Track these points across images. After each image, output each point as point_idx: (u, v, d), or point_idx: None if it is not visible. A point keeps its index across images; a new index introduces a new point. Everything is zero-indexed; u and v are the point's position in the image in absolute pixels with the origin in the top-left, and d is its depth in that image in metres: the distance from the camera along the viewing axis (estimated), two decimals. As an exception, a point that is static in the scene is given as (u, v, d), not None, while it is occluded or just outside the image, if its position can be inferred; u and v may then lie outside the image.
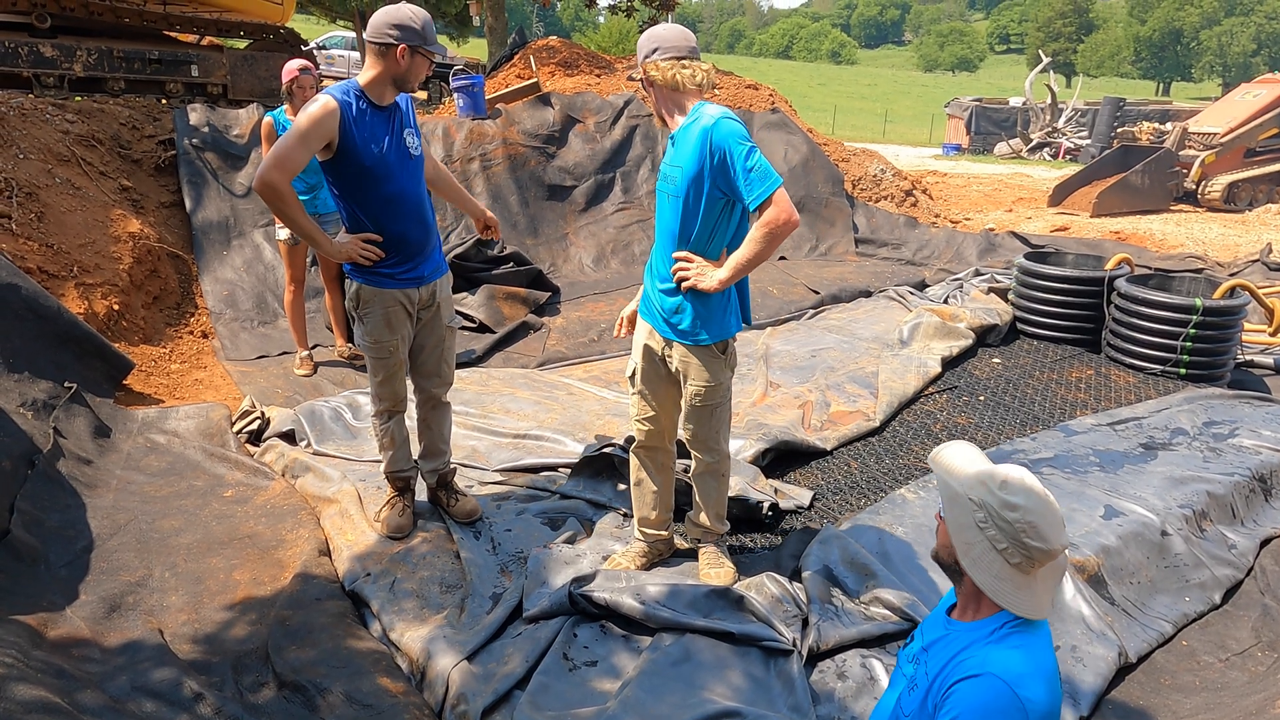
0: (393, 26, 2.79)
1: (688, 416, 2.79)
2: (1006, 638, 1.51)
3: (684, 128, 2.56)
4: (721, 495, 2.96)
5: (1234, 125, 14.12)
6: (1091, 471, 3.91)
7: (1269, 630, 3.02)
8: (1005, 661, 1.46)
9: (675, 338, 2.69)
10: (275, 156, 2.74)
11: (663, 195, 2.66)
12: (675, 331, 2.68)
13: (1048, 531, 1.46)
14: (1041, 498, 1.49)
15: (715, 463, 2.87)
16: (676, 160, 2.57)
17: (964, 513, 1.52)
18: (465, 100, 8.19)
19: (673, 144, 2.63)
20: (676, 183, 2.56)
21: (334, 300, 5.27)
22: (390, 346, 3.07)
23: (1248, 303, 5.36)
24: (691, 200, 2.55)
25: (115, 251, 5.47)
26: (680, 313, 2.65)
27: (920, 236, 9.30)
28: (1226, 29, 65.18)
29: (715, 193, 2.53)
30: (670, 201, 2.61)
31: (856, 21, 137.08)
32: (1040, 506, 1.48)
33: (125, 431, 4.10)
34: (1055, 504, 1.50)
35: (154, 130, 6.79)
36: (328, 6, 21.97)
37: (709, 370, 2.69)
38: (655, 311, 2.75)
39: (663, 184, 2.65)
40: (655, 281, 2.74)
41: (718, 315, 2.66)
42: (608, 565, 2.99)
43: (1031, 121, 26.10)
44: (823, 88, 66.22)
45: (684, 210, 2.57)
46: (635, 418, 2.91)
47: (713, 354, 2.69)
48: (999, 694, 1.42)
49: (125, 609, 2.82)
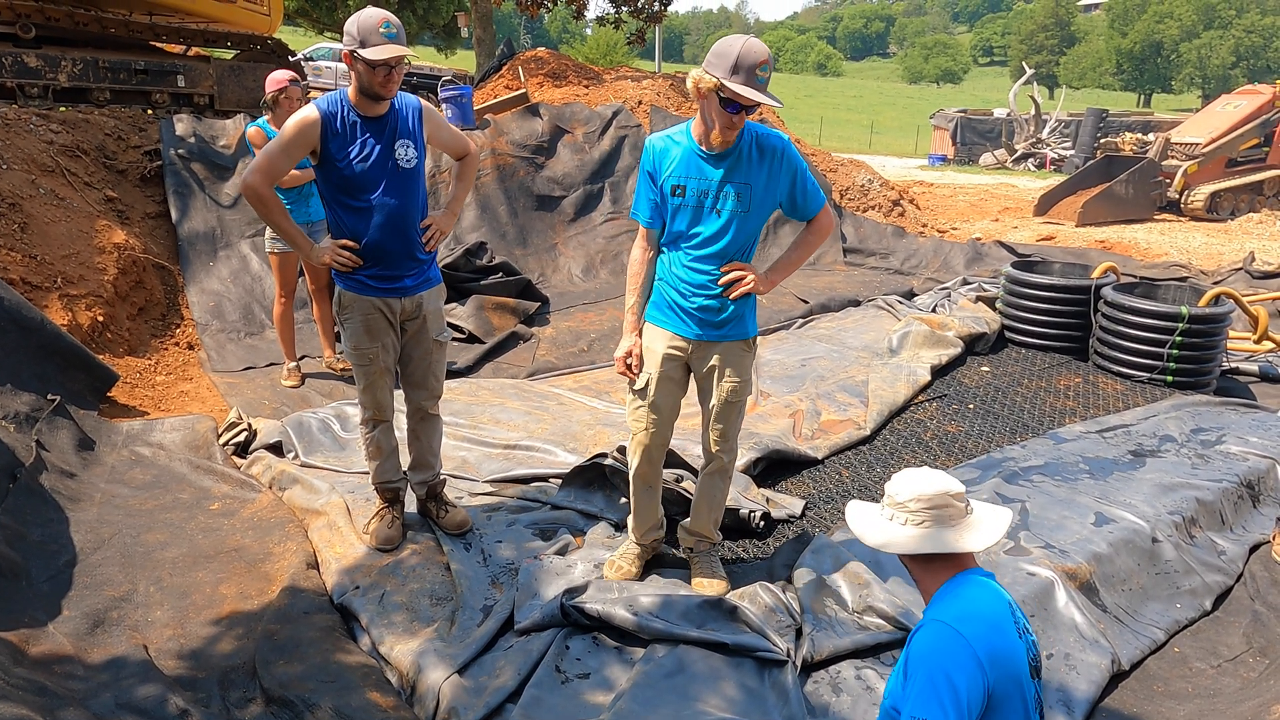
0: (345, 33, 2.78)
1: (719, 415, 2.83)
2: (945, 595, 1.79)
3: (744, 144, 2.62)
4: (724, 499, 3.02)
5: (1215, 136, 14.30)
6: (1081, 479, 3.92)
7: (1260, 636, 3.03)
8: (944, 609, 1.74)
9: (718, 337, 2.76)
10: (259, 162, 2.87)
11: (702, 210, 2.65)
12: (720, 331, 2.75)
13: (920, 488, 1.81)
14: (905, 474, 1.87)
15: (730, 461, 2.95)
16: (743, 177, 2.62)
17: (879, 519, 1.86)
18: (453, 111, 8.19)
19: (718, 159, 2.61)
20: (742, 199, 2.62)
21: (321, 311, 5.24)
22: (370, 354, 3.05)
23: (1232, 310, 5.40)
24: (756, 213, 2.66)
25: (100, 262, 5.42)
26: (726, 312, 2.73)
27: (908, 246, 9.35)
28: (1206, 42, 66.10)
29: (774, 205, 2.72)
30: (726, 215, 2.63)
31: (842, 34, 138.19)
32: (906, 476, 1.85)
33: (110, 444, 4.05)
34: (924, 471, 1.86)
35: (140, 140, 6.75)
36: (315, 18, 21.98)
37: (744, 365, 2.81)
38: (688, 317, 2.73)
39: (707, 199, 2.63)
40: (689, 289, 2.70)
41: (753, 311, 2.82)
42: (606, 568, 3.00)
43: (1016, 132, 26.36)
44: (809, 99, 66.66)
45: (750, 224, 2.68)
46: (644, 428, 2.85)
47: (750, 348, 2.82)
48: (940, 632, 1.69)
49: (109, 624, 2.77)
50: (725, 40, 2.49)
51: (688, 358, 2.80)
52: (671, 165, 2.66)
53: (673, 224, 2.71)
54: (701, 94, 2.49)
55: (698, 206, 2.65)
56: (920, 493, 1.80)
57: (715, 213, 2.63)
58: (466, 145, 3.25)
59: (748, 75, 2.41)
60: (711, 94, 2.45)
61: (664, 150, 2.68)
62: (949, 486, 1.81)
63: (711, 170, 2.62)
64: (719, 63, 2.44)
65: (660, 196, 2.70)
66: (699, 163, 2.63)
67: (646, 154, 2.71)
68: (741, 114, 2.48)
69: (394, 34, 2.76)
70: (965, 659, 1.64)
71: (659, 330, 2.80)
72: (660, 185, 2.68)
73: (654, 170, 2.69)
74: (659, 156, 2.68)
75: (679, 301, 2.73)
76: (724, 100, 2.44)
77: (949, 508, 1.79)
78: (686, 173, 2.64)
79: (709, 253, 2.67)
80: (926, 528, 1.79)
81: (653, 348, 2.81)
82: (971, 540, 1.78)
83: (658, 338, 2.80)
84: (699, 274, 2.69)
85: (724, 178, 2.61)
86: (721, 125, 2.51)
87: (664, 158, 2.67)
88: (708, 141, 2.59)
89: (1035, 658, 1.78)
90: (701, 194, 2.63)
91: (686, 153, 2.64)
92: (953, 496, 1.80)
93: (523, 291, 6.56)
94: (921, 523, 1.80)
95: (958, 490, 1.81)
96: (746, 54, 2.41)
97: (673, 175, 2.65)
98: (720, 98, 2.44)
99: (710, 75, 2.44)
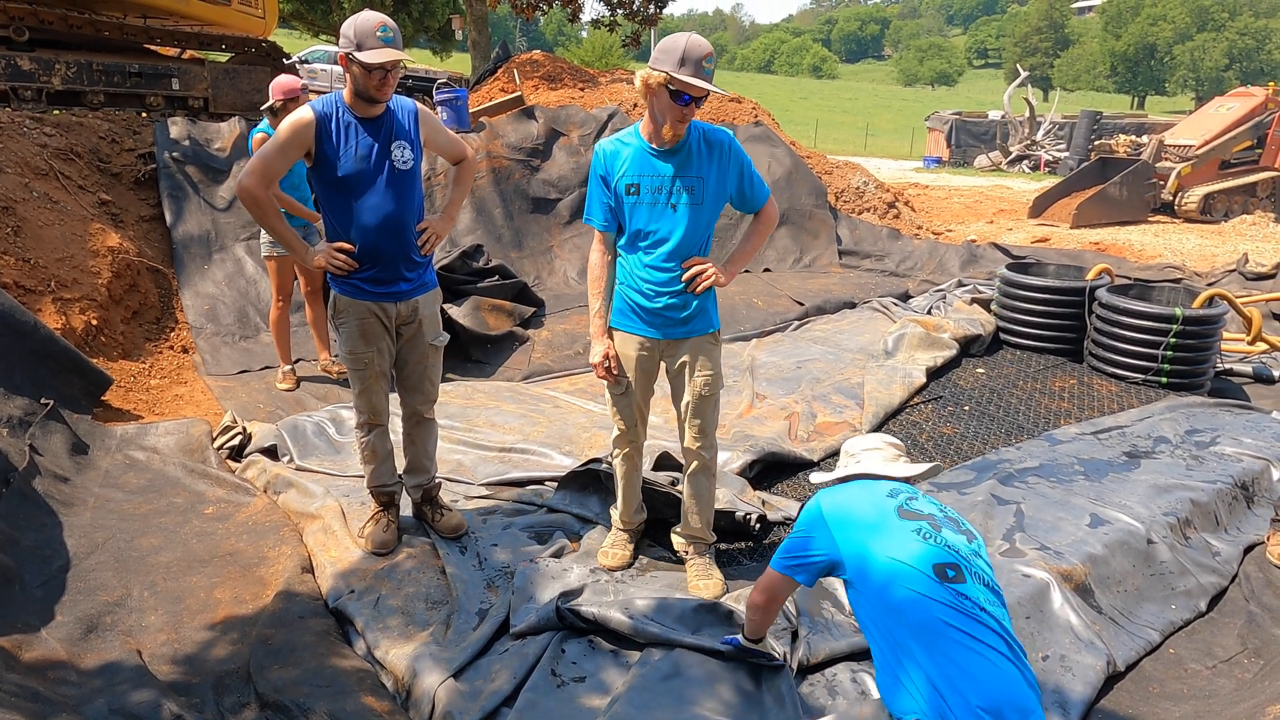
0: (341, 35, 2.79)
1: (696, 410, 2.89)
2: None
3: (692, 140, 2.70)
4: (713, 497, 3.09)
5: (1209, 138, 14.35)
6: (1076, 480, 3.92)
7: (1255, 637, 3.04)
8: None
9: (684, 334, 2.84)
10: (254, 164, 2.86)
11: (658, 206, 2.71)
12: (686, 328, 2.83)
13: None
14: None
15: (711, 457, 2.99)
16: (696, 171, 2.70)
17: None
18: (448, 114, 8.18)
19: (669, 155, 2.69)
20: (695, 193, 2.71)
21: (315, 314, 5.23)
22: (365, 358, 3.04)
23: (1226, 312, 5.42)
24: (709, 206, 2.75)
25: (94, 266, 5.40)
26: (689, 308, 2.81)
27: (903, 248, 9.36)
28: (1199, 44, 66.37)
29: (726, 198, 2.80)
30: (682, 210, 2.72)
31: (837, 36, 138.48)
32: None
33: (103, 448, 4.04)
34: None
35: (134, 144, 6.73)
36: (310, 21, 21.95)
37: (714, 357, 2.89)
38: (653, 317, 2.81)
39: (661, 195, 2.70)
40: (653, 289, 2.78)
41: (715, 305, 2.90)
42: (600, 558, 3.09)
43: (1010, 134, 26.43)
44: (804, 101, 66.78)
45: (704, 217, 2.76)
46: (627, 424, 2.99)
47: (717, 341, 2.91)
48: (810, 503, 2.20)
49: (103, 629, 2.75)
50: (670, 38, 2.58)
51: (660, 356, 2.91)
52: (624, 165, 2.73)
53: (630, 224, 2.77)
54: (651, 90, 2.58)
55: (653, 203, 2.72)
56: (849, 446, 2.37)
57: (671, 208, 2.72)
58: (463, 149, 3.24)
59: (695, 67, 2.51)
60: (661, 89, 2.56)
61: (614, 152, 2.75)
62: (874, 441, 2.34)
63: (663, 166, 2.70)
64: (666, 58, 2.53)
65: (615, 198, 2.77)
66: (650, 160, 2.71)
67: (597, 158, 2.78)
68: (691, 105, 2.57)
69: (390, 38, 2.77)
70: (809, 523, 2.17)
71: (627, 335, 2.88)
72: (614, 187, 2.75)
73: (606, 173, 2.76)
74: (610, 159, 2.75)
75: (642, 304, 2.80)
76: (673, 93, 2.53)
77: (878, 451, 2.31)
78: (640, 171, 2.71)
79: (668, 250, 2.74)
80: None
81: (625, 352, 2.89)
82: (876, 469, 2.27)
83: (627, 343, 2.88)
84: (660, 272, 2.76)
85: (676, 173, 2.70)
86: (672, 119, 2.60)
87: (615, 159, 2.74)
88: (658, 138, 2.68)
89: (955, 560, 1.96)
90: (656, 190, 2.71)
91: (637, 152, 2.72)
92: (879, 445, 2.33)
93: (519, 295, 6.54)
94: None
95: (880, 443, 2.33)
96: (692, 48, 2.51)
97: (626, 175, 2.72)
98: (670, 91, 2.53)
99: (658, 70, 2.53)
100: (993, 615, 1.90)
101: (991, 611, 1.90)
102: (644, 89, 2.58)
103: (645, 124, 2.73)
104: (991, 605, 1.92)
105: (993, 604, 1.93)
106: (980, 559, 2.01)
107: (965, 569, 1.92)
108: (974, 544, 2.04)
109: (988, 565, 2.02)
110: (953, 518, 2.09)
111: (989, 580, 1.98)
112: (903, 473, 2.22)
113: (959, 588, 1.88)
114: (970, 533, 2.08)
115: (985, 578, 1.97)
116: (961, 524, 2.09)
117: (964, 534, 2.05)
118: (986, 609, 1.89)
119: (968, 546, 2.01)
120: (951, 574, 1.90)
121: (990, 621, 1.88)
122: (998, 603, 1.95)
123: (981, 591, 1.92)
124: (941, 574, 1.89)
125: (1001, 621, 1.91)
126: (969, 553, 1.99)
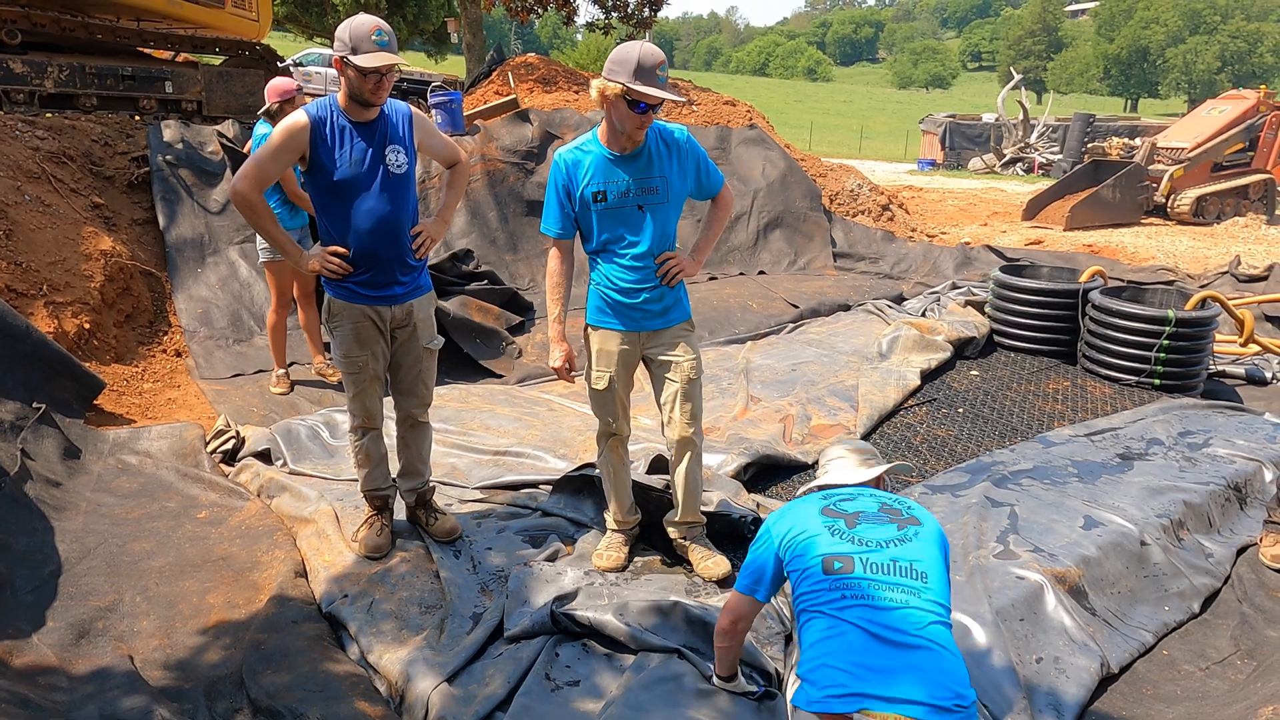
0: (336, 38, 2.78)
1: (686, 395, 2.96)
2: None
3: (650, 141, 2.80)
4: (702, 479, 3.18)
5: (1201, 140, 14.41)
6: (1070, 482, 3.93)
7: (1248, 638, 3.04)
8: None
9: (664, 324, 2.93)
10: (248, 168, 2.86)
11: (624, 209, 2.81)
12: (665, 318, 2.93)
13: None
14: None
15: (700, 442, 3.08)
16: (658, 171, 2.81)
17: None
18: (443, 117, 8.18)
19: (630, 159, 2.79)
20: (659, 192, 2.82)
21: (308, 317, 5.22)
22: (360, 362, 3.04)
23: (1218, 314, 5.44)
24: (674, 203, 2.86)
25: (86, 269, 5.38)
26: (666, 301, 2.92)
27: (897, 250, 9.38)
28: (1191, 47, 66.71)
29: (687, 192, 2.92)
30: (648, 211, 2.82)
31: (831, 39, 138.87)
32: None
33: (96, 453, 4.02)
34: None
35: (127, 147, 6.71)
36: (305, 23, 21.94)
37: (694, 343, 3.01)
38: (634, 313, 2.90)
39: (627, 198, 2.80)
40: (631, 287, 2.86)
41: (686, 294, 3.03)
42: (595, 559, 3.10)
43: (1004, 137, 26.51)
44: (799, 104, 66.93)
45: (671, 214, 2.86)
46: (611, 418, 3.03)
47: (692, 327, 3.04)
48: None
49: (94, 635, 2.74)
50: (622, 48, 2.66)
51: (641, 351, 2.97)
52: (587, 174, 2.80)
53: (598, 230, 2.84)
54: (609, 100, 2.66)
55: (620, 207, 2.80)
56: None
57: (637, 209, 2.82)
58: (457, 153, 3.24)
59: (649, 76, 2.60)
60: (619, 99, 2.64)
61: (575, 161, 2.82)
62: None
63: (626, 171, 2.79)
64: (621, 69, 2.62)
65: (578, 206, 2.84)
66: (612, 166, 2.79)
67: (557, 167, 2.84)
68: (649, 113, 2.66)
69: (386, 42, 2.77)
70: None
71: (610, 332, 2.94)
72: (579, 195, 2.82)
73: (568, 183, 2.83)
74: (571, 168, 2.82)
75: (623, 301, 2.88)
76: (630, 102, 2.61)
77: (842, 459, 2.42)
78: (604, 178, 2.79)
79: (640, 250, 2.83)
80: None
81: (607, 349, 2.94)
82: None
83: (610, 339, 2.94)
84: (635, 271, 2.85)
85: (640, 175, 2.80)
86: (631, 126, 2.69)
87: (577, 169, 2.81)
88: (619, 144, 2.77)
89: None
90: (622, 195, 2.80)
91: (598, 159, 2.80)
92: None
93: (508, 303, 6.52)
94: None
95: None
96: (646, 58, 2.61)
97: (591, 183, 2.80)
98: (627, 101, 2.62)
99: (614, 82, 2.61)
100: (875, 598, 1.95)
101: (874, 594, 1.96)
102: (601, 99, 2.67)
103: (604, 131, 2.80)
104: (884, 585, 1.97)
105: (887, 583, 1.98)
106: (904, 544, 2.06)
107: (859, 558, 2.02)
108: (906, 530, 2.09)
109: (918, 549, 2.06)
110: (892, 509, 2.17)
111: (893, 563, 2.02)
112: (862, 477, 2.33)
113: (844, 579, 2.00)
114: (911, 520, 2.13)
115: (885, 563, 2.01)
116: (904, 513, 2.16)
117: (900, 523, 2.12)
118: (871, 591, 1.96)
119: (888, 535, 2.08)
120: (839, 566, 2.02)
121: (864, 604, 1.95)
122: (901, 584, 1.99)
123: (871, 578, 1.98)
124: (829, 566, 2.03)
125: (897, 603, 1.95)
126: (883, 541, 2.06)
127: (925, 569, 2.04)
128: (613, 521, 3.19)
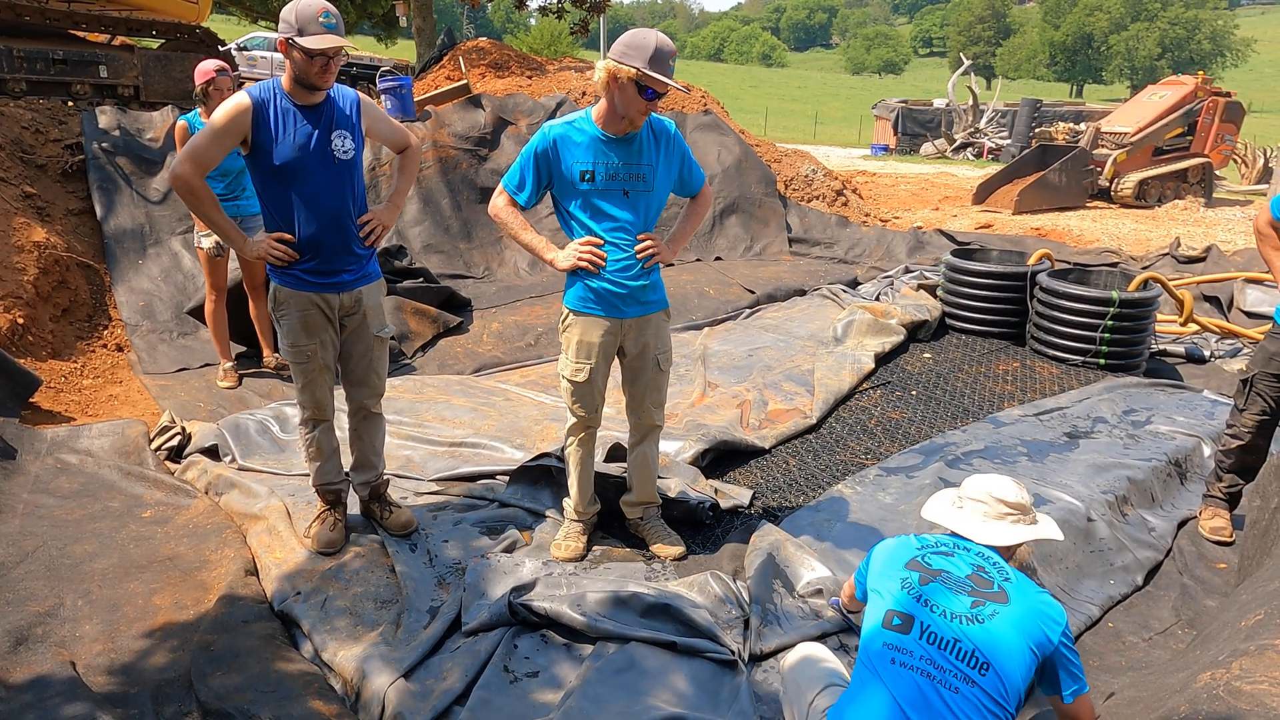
0: (281, 19, 2.70)
1: (654, 383, 3.03)
2: None
3: (643, 129, 2.80)
4: (658, 460, 3.24)
5: (1143, 125, 14.77)
6: (1020, 461, 4.02)
7: (1188, 608, 3.15)
8: None
9: (645, 312, 2.93)
10: (188, 151, 2.77)
11: (611, 192, 2.80)
12: (647, 306, 2.94)
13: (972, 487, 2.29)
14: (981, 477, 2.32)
15: (661, 424, 3.15)
16: (646, 160, 2.82)
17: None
18: (393, 102, 8.02)
19: (624, 144, 2.77)
20: (646, 180, 2.83)
21: (259, 309, 5.08)
22: (308, 351, 2.97)
23: (1160, 294, 5.59)
24: (659, 192, 2.88)
25: (18, 262, 5.17)
26: (649, 288, 2.93)
27: (852, 235, 9.47)
28: (1133, 34, 68.42)
29: (671, 184, 2.95)
30: (635, 196, 2.83)
31: (785, 25, 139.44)
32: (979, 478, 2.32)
33: (33, 452, 3.87)
34: (991, 477, 2.30)
35: (59, 134, 6.45)
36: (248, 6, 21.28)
37: (667, 331, 3.04)
38: (619, 300, 2.87)
39: (615, 182, 2.79)
40: (614, 273, 2.85)
41: (662, 283, 3.04)
42: (554, 550, 3.11)
43: (955, 122, 26.90)
44: (754, 90, 67.14)
45: (654, 204, 2.89)
46: (588, 411, 3.02)
47: (669, 317, 3.06)
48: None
49: (33, 641, 2.64)
50: (637, 33, 2.65)
51: (621, 340, 2.96)
52: (578, 152, 2.78)
53: (584, 211, 2.83)
54: (618, 83, 2.64)
55: (606, 190, 2.79)
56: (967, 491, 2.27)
57: (624, 193, 2.82)
58: (407, 138, 3.17)
59: (663, 65, 2.61)
60: (630, 83, 2.61)
61: (566, 136, 2.79)
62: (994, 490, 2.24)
63: (618, 154, 2.79)
64: (636, 54, 2.60)
65: (561, 184, 2.83)
66: (605, 148, 2.78)
67: (544, 138, 2.79)
68: (655, 100, 2.67)
69: (333, 24, 2.70)
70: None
71: (594, 319, 2.90)
72: (564, 171, 2.79)
73: (552, 156, 2.80)
74: (561, 143, 2.79)
75: (611, 289, 2.86)
76: (640, 88, 2.61)
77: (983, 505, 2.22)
78: (595, 159, 2.77)
79: (624, 236, 2.84)
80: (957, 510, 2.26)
81: (589, 339, 2.91)
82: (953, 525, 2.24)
83: (593, 327, 2.90)
84: (618, 250, 2.84)
85: (631, 160, 2.80)
86: (635, 111, 2.69)
87: (567, 144, 2.78)
88: (616, 127, 2.75)
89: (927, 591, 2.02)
90: (610, 177, 2.79)
91: (592, 139, 2.78)
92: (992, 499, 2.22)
93: (445, 302, 6.24)
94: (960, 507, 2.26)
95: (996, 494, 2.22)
96: (663, 46, 2.62)
97: (581, 161, 2.77)
98: (638, 85, 2.61)
99: (628, 65, 2.59)
100: (923, 670, 1.86)
101: (921, 667, 1.86)
102: (609, 80, 2.64)
103: (600, 113, 2.77)
104: (936, 662, 1.87)
105: (940, 661, 1.87)
106: (975, 624, 1.90)
107: (920, 623, 1.92)
108: (982, 609, 1.93)
109: (979, 633, 1.89)
110: (984, 578, 2.00)
111: (955, 642, 1.89)
112: (981, 536, 2.13)
113: (898, 638, 1.93)
114: (997, 596, 1.95)
115: (947, 638, 1.89)
116: (993, 587, 1.98)
117: (980, 597, 1.95)
118: (919, 664, 1.87)
119: (959, 608, 1.93)
120: (898, 622, 1.95)
121: (910, 673, 1.86)
122: (955, 668, 1.85)
123: (925, 649, 1.89)
124: (888, 621, 1.97)
125: (943, 686, 1.84)
126: (951, 614, 1.92)
127: (991, 658, 1.85)
128: (573, 512, 3.18)
